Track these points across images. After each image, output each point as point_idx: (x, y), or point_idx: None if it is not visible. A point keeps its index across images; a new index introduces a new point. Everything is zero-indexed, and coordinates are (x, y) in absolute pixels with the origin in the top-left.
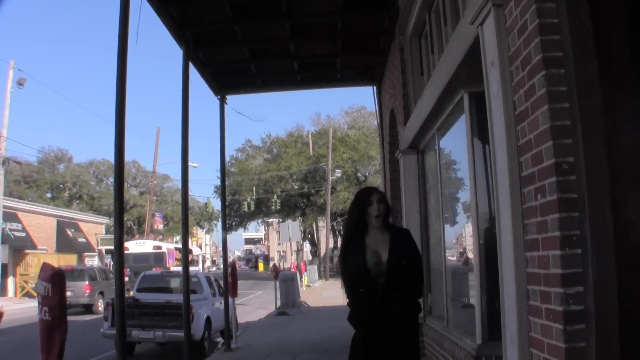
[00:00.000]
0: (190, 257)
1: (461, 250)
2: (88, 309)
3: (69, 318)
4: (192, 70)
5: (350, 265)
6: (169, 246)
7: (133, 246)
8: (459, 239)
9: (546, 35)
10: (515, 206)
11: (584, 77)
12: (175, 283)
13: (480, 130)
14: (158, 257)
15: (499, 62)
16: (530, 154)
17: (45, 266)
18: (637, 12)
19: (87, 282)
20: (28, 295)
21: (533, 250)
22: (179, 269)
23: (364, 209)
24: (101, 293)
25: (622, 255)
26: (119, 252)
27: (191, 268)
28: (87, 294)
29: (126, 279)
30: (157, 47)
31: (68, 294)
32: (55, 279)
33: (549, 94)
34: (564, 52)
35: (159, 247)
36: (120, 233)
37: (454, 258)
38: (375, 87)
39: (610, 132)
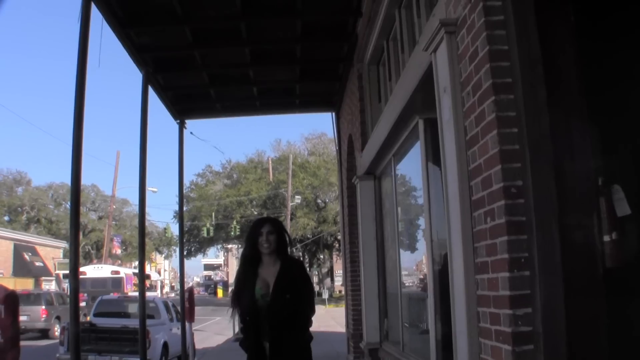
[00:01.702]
0: (148, 282)
1: (421, 276)
2: (44, 333)
3: (25, 343)
4: (152, 94)
5: (240, 294)
6: (127, 271)
7: (91, 270)
8: (419, 265)
9: (496, 62)
10: (466, 229)
11: (532, 102)
12: (132, 308)
13: (435, 155)
14: (116, 282)
15: (451, 88)
16: (480, 178)
17: None
18: (585, 39)
19: (43, 307)
20: None
21: (483, 272)
22: (137, 294)
23: (256, 239)
24: (58, 318)
25: (570, 277)
26: (74, 277)
27: (149, 293)
28: (43, 319)
29: (83, 303)
30: (118, 70)
31: (24, 318)
32: (9, 300)
33: (498, 119)
34: (514, 78)
35: (117, 272)
36: (75, 257)
37: (413, 284)
38: (334, 114)
39: (558, 157)
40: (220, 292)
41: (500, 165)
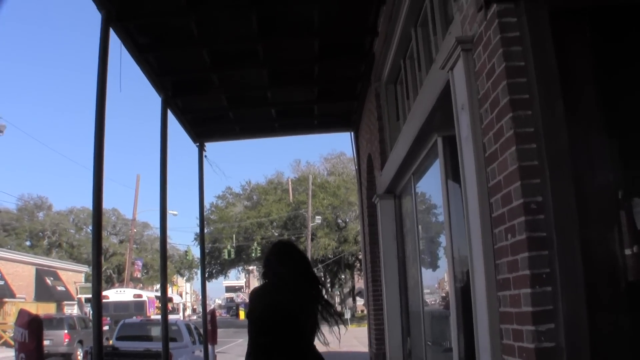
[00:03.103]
0: (170, 305)
1: (443, 294)
2: (67, 358)
3: None
4: (172, 118)
5: None
6: (150, 294)
7: (113, 295)
8: (441, 282)
9: (513, 78)
10: (487, 247)
11: (550, 118)
12: (154, 331)
13: (454, 173)
14: (138, 306)
15: (469, 105)
16: (500, 195)
17: (22, 312)
18: (602, 53)
19: (66, 331)
20: (6, 344)
21: (505, 289)
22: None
23: None
24: (80, 342)
25: (592, 291)
26: (96, 301)
27: (172, 316)
28: (66, 343)
29: (106, 327)
30: (137, 94)
31: (47, 342)
32: (32, 325)
33: (517, 135)
34: (531, 94)
35: (140, 296)
36: (98, 281)
37: (436, 302)
38: (352, 133)
39: (577, 171)
40: (242, 314)
41: (520, 182)
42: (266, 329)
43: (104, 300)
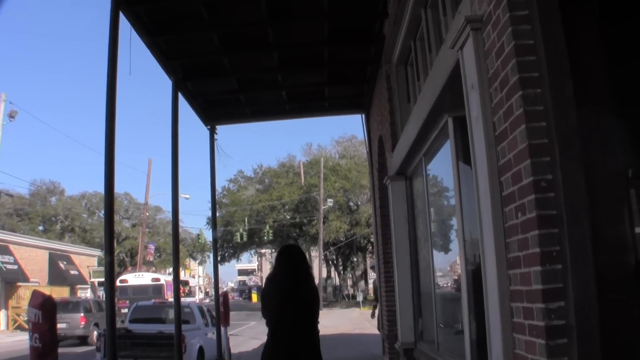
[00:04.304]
0: (187, 288)
1: (455, 277)
2: (83, 340)
3: (64, 350)
4: (182, 101)
5: None
6: (167, 278)
7: (132, 278)
8: (453, 265)
9: (522, 57)
10: (497, 225)
11: (560, 96)
12: (167, 313)
13: (465, 153)
14: (156, 289)
15: (479, 84)
16: (510, 173)
17: (35, 293)
18: (611, 32)
19: (82, 314)
20: (20, 328)
21: (515, 267)
22: (182, 299)
23: None
24: (96, 325)
25: (602, 269)
26: (109, 284)
27: (188, 299)
28: (82, 326)
29: (125, 310)
30: (148, 78)
31: (63, 325)
32: (46, 306)
33: (526, 114)
34: (540, 72)
35: (158, 279)
36: (110, 265)
37: (447, 284)
38: (363, 115)
39: (587, 150)
40: (254, 297)
41: (530, 160)
42: (265, 306)
43: (123, 284)
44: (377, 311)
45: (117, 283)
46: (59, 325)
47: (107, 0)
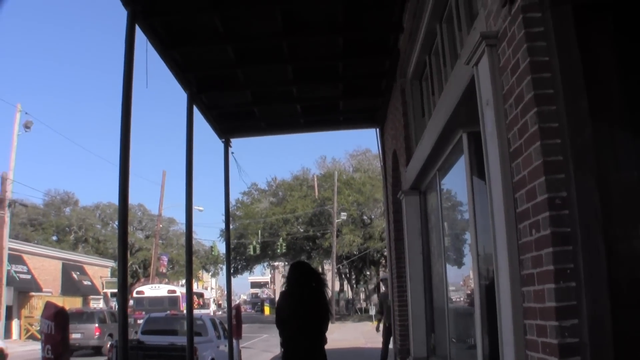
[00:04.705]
0: (202, 300)
1: (468, 291)
2: (97, 350)
3: None
4: (197, 114)
5: None
6: (183, 290)
7: (148, 290)
8: (466, 280)
9: (537, 73)
10: (512, 242)
11: (575, 113)
12: (180, 325)
13: (479, 169)
14: (172, 301)
15: (494, 101)
16: (524, 190)
17: (48, 304)
18: (626, 49)
19: (96, 325)
20: (32, 337)
21: (529, 284)
22: (197, 312)
23: None
24: (110, 335)
25: (616, 287)
26: (122, 295)
27: (202, 311)
28: (96, 336)
29: (141, 321)
30: (164, 90)
31: (78, 336)
32: (59, 317)
33: (541, 131)
34: (555, 89)
35: (174, 291)
36: (123, 276)
37: (460, 299)
38: (378, 129)
39: (602, 167)
40: (267, 310)
41: (544, 177)
42: (278, 320)
43: (139, 296)
44: (381, 324)
45: (134, 294)
46: (73, 336)
47: (124, 13)
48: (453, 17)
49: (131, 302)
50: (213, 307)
